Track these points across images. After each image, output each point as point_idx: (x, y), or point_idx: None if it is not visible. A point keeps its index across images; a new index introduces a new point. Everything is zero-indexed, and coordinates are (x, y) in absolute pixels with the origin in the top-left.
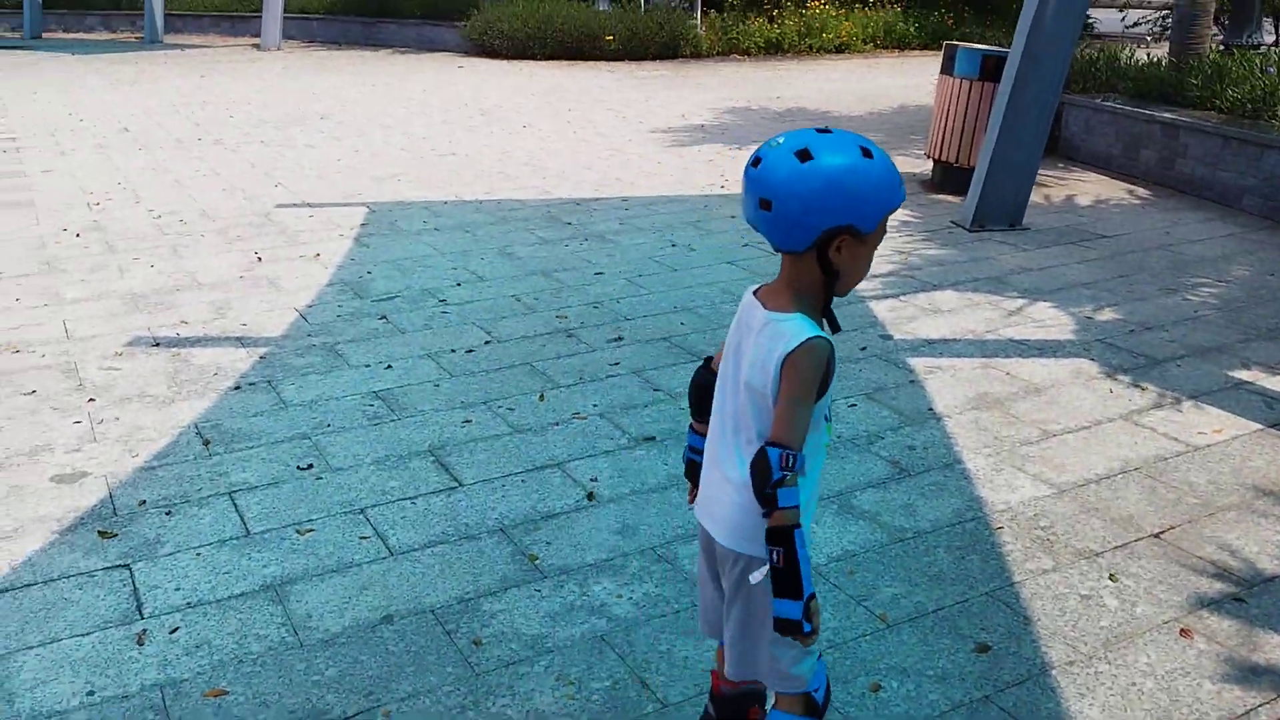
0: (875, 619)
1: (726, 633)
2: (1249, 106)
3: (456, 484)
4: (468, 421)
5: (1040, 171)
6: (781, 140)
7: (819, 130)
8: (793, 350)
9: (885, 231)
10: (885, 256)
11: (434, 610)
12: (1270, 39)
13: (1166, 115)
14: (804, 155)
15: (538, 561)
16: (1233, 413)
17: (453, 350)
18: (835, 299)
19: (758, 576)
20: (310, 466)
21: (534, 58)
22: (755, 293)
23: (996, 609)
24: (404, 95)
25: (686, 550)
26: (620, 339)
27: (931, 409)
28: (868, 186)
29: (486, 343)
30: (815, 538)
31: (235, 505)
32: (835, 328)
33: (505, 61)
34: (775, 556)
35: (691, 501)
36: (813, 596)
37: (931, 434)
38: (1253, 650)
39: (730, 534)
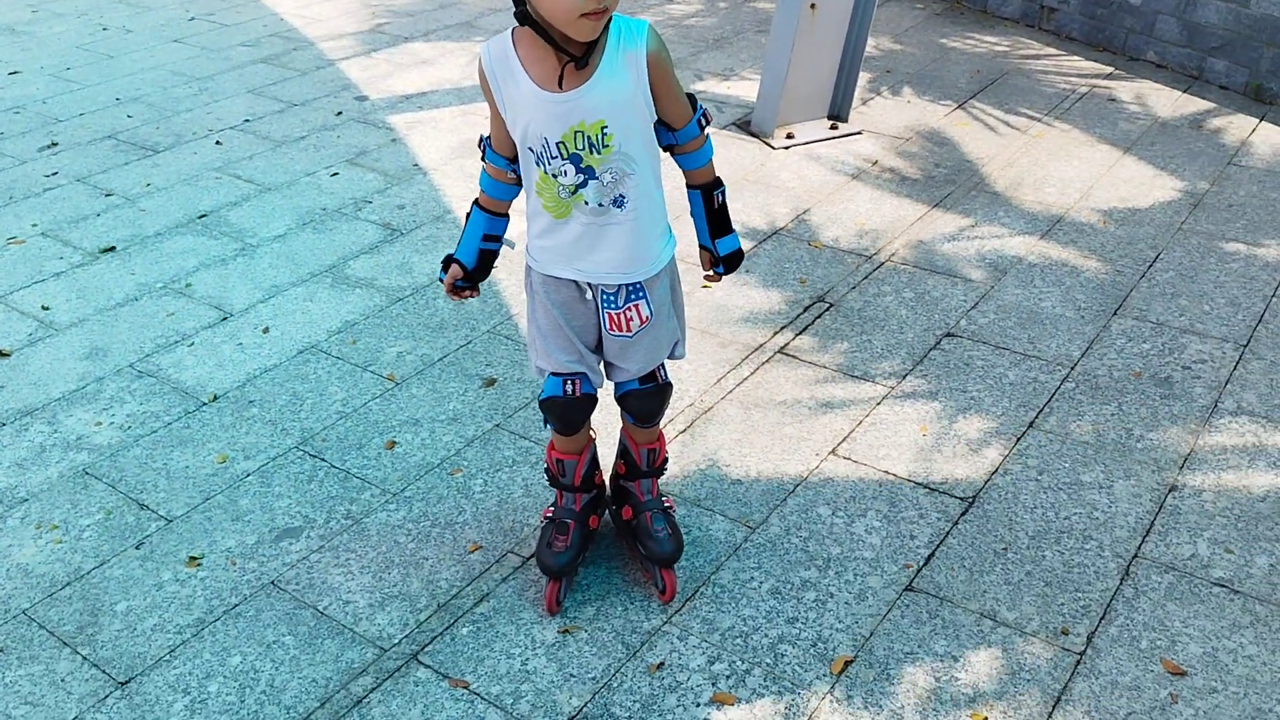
0: (383, 380)
1: None
2: None
3: None
4: None
5: None
6: None
7: None
8: None
9: None
10: (351, 13)
11: None
12: None
13: None
14: None
15: None
16: None
17: None
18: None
19: None
20: None
21: None
22: None
23: (499, 343)
24: None
25: (169, 359)
26: (55, 145)
27: (417, 164)
28: None
29: None
30: (312, 313)
31: None
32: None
33: None
34: None
35: None
36: (448, 259)
37: (420, 189)
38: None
39: None
